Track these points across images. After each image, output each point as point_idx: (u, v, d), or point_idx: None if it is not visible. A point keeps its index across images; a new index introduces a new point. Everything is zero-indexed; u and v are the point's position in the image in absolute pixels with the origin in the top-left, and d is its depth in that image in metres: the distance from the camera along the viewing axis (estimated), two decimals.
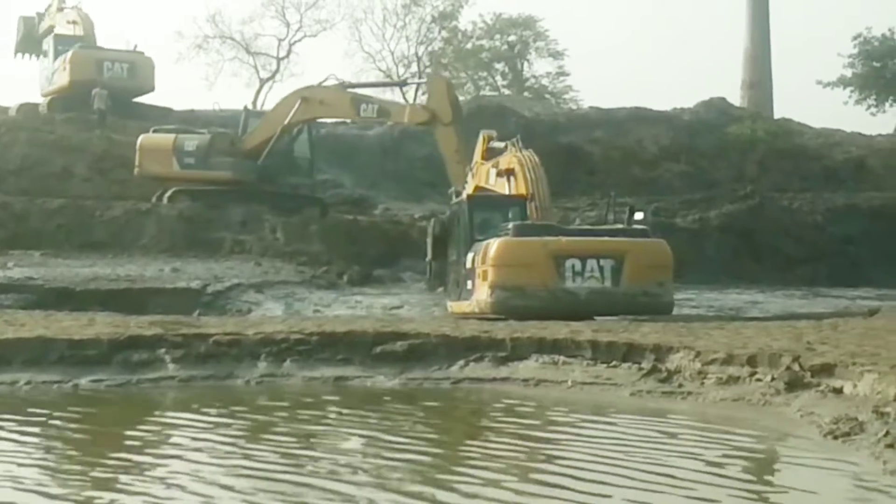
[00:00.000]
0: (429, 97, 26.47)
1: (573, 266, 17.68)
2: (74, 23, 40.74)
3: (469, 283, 18.80)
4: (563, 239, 18.15)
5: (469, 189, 21.88)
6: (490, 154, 21.89)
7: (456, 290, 19.87)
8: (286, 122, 28.10)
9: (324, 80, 28.34)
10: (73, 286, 22.20)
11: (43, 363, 11.92)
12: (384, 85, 30.27)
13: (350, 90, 28.06)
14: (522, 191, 19.86)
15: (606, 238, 18.48)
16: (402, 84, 33.07)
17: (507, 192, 20.35)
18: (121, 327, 13.53)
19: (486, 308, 17.83)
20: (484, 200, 20.68)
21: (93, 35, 40.26)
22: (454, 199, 21.87)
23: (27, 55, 43.64)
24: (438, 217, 22.54)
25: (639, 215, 19.52)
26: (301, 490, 6.75)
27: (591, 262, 17.72)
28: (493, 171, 21.05)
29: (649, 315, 17.34)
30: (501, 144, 21.68)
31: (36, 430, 9.19)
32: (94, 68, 37.71)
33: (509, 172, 20.32)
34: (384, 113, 27.41)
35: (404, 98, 53.26)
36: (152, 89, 39.52)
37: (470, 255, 18.89)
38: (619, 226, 19.30)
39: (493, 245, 17.98)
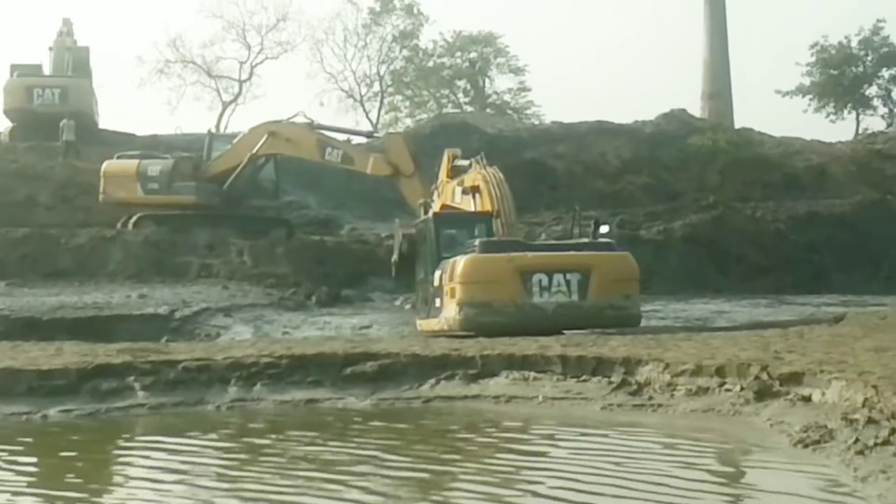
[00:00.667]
0: (388, 153, 26.54)
1: (540, 281, 17.71)
2: (69, 49, 40.50)
3: (437, 300, 18.81)
4: (530, 254, 18.18)
5: (436, 207, 21.90)
6: (455, 172, 21.95)
7: (425, 308, 19.87)
8: (252, 152, 28.18)
9: (292, 116, 28.39)
10: (40, 315, 22.03)
11: (11, 394, 11.81)
12: (351, 132, 30.37)
13: (317, 131, 28.11)
14: (488, 207, 19.91)
15: (572, 252, 18.51)
16: (368, 134, 33.12)
17: (473, 210, 20.37)
18: (89, 356, 13.42)
19: (455, 325, 17.84)
20: (450, 218, 20.70)
21: (84, 63, 39.88)
22: (422, 216, 21.85)
23: None
24: (407, 232, 22.42)
25: (604, 228, 19.61)
26: None
27: (558, 277, 17.75)
28: (459, 189, 21.08)
29: (617, 328, 17.40)
30: (466, 162, 21.74)
31: (7, 462, 9.12)
32: (23, 96, 37.63)
33: (475, 190, 20.35)
34: (348, 160, 27.44)
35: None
36: (91, 114, 39.25)
37: (437, 273, 18.91)
38: (585, 240, 19.36)
39: (460, 262, 17.99)
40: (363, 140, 32.45)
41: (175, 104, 56.15)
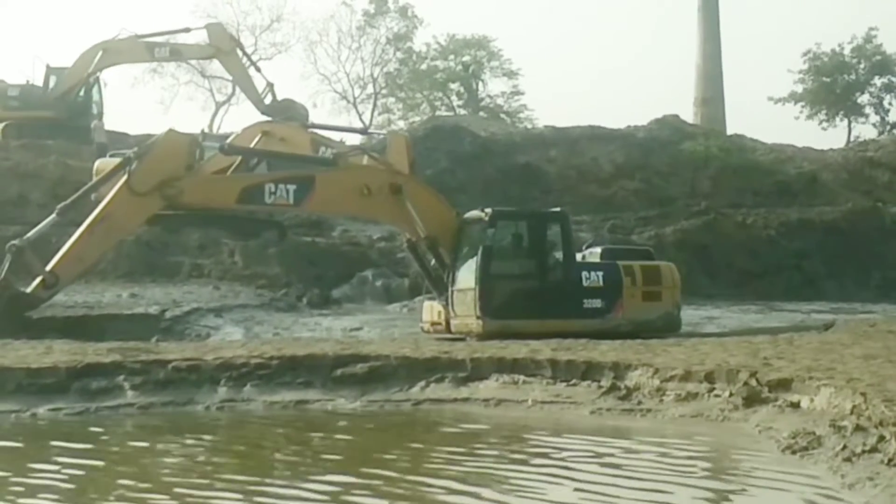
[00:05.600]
0: (388, 152, 26.39)
1: None
2: None
3: (595, 301, 18.90)
4: None
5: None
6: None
7: (498, 307, 18.49)
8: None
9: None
10: (30, 314, 21.94)
11: (0, 392, 11.82)
12: (346, 130, 30.36)
13: (311, 131, 28.04)
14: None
15: None
16: (364, 132, 32.95)
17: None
18: (79, 355, 13.41)
19: (669, 326, 18.99)
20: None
21: None
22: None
23: None
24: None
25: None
26: None
27: None
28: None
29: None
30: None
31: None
32: None
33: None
34: None
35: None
36: None
37: (598, 273, 19.03)
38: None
39: (670, 268, 19.82)
40: (360, 137, 32.44)
41: (168, 104, 55.90)
